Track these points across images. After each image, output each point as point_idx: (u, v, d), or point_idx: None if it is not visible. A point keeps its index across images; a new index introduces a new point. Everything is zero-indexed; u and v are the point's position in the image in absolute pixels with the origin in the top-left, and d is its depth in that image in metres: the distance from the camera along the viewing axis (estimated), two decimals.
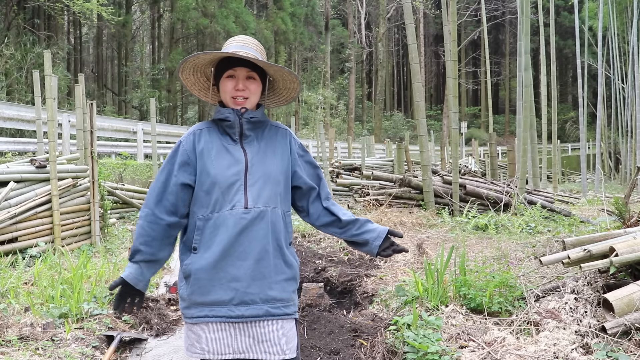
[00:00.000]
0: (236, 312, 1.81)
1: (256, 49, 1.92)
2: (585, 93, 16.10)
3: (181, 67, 1.92)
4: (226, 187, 1.82)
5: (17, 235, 5.53)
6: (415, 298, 3.55)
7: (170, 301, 4.41)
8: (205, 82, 2.03)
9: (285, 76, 1.95)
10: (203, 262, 1.82)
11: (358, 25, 40.02)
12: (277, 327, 1.85)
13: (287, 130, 2.01)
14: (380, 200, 8.63)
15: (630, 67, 17.37)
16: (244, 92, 1.88)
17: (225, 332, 1.83)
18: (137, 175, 11.41)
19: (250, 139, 1.90)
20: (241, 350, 1.83)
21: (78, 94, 6.97)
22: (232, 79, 1.88)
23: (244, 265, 1.81)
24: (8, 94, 15.24)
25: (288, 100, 2.08)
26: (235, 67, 1.87)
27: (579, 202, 10.92)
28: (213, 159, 1.85)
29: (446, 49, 9.34)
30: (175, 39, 27.11)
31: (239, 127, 1.88)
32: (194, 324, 1.85)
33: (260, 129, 1.94)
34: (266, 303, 1.83)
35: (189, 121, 29.21)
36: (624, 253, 3.07)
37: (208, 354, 1.83)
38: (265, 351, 1.83)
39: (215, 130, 1.91)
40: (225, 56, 1.89)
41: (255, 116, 1.90)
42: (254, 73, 1.89)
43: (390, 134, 36.33)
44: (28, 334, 3.25)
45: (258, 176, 1.85)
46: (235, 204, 1.81)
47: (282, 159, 1.93)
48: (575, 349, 2.69)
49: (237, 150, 1.87)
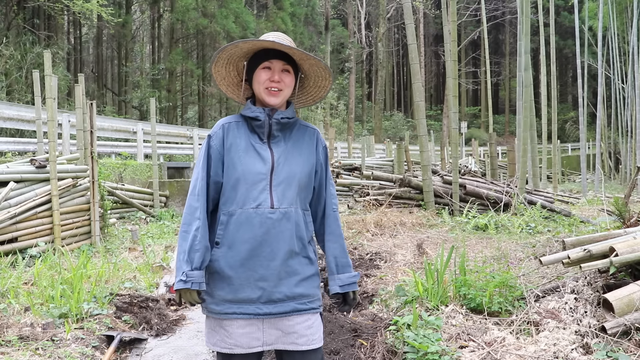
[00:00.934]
0: (264, 310, 1.85)
1: (291, 44, 1.93)
2: (585, 93, 16.10)
3: (217, 56, 1.93)
4: (251, 185, 1.85)
5: (17, 235, 5.54)
6: (415, 298, 3.55)
7: (170, 301, 4.42)
8: (235, 76, 2.04)
9: (319, 72, 1.96)
10: (230, 259, 1.85)
11: (358, 25, 40.01)
12: (303, 319, 1.90)
13: (316, 130, 2.02)
14: (380, 200, 8.63)
15: (630, 67, 17.37)
16: (279, 83, 1.89)
17: (254, 327, 1.87)
18: (137, 175, 11.41)
19: (277, 139, 1.92)
20: (270, 342, 1.88)
21: (78, 94, 6.97)
22: (268, 71, 1.89)
23: (272, 265, 1.85)
24: (8, 94, 15.23)
25: (316, 100, 2.09)
26: (272, 59, 1.89)
27: (579, 202, 10.92)
28: (241, 155, 1.87)
29: (446, 49, 9.33)
30: (175, 39, 27.09)
31: (268, 127, 1.90)
32: (221, 320, 1.88)
33: (289, 129, 1.96)
34: (293, 300, 1.87)
35: (189, 121, 29.20)
36: (624, 253, 3.07)
37: (238, 348, 1.87)
38: (293, 342, 1.88)
39: (244, 127, 1.93)
40: (262, 48, 1.90)
41: (285, 116, 1.92)
42: (289, 66, 1.91)
43: (390, 134, 36.33)
44: (28, 334, 3.25)
45: (283, 177, 1.88)
46: (260, 203, 1.84)
47: (308, 160, 1.95)
48: (575, 349, 2.69)
49: (264, 149, 1.89)
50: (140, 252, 6.30)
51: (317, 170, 1.99)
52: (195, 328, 3.93)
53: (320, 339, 1.94)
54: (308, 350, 1.90)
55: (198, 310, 4.37)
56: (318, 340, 1.92)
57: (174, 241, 7.54)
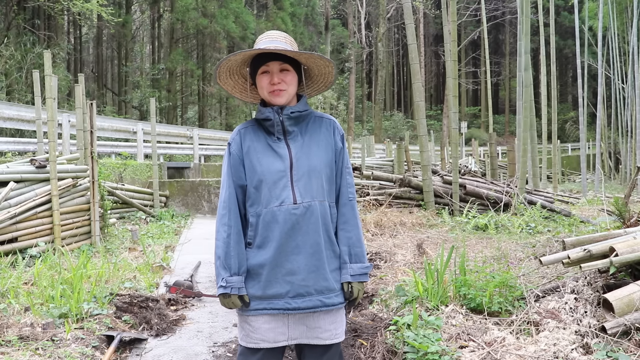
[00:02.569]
0: (292, 305, 1.88)
1: (285, 41, 1.95)
2: (585, 93, 16.09)
3: (217, 72, 1.96)
4: (272, 184, 1.88)
5: (17, 235, 5.54)
6: (415, 298, 3.55)
7: (170, 301, 4.41)
8: (244, 83, 2.07)
9: (318, 62, 1.97)
10: (261, 258, 1.89)
11: (358, 25, 40.00)
12: (328, 314, 1.93)
13: (332, 120, 2.03)
14: (380, 200, 8.62)
15: (630, 67, 17.36)
16: (280, 84, 1.91)
17: (280, 322, 1.91)
18: (137, 175, 11.41)
19: (294, 135, 1.94)
20: (294, 337, 1.92)
21: (78, 94, 6.97)
22: (267, 74, 1.92)
23: (299, 259, 1.88)
24: (8, 94, 15.23)
25: (327, 86, 2.10)
26: (268, 62, 1.91)
27: (579, 202, 10.92)
28: (259, 157, 1.91)
29: (446, 49, 9.33)
30: (175, 39, 27.08)
31: (280, 124, 1.92)
32: (248, 316, 1.92)
33: (304, 122, 1.98)
34: (320, 294, 1.90)
35: (189, 121, 29.20)
36: (624, 253, 3.07)
37: (264, 343, 1.91)
38: (317, 337, 1.93)
39: (260, 129, 1.96)
40: (255, 54, 1.92)
41: (295, 110, 1.94)
42: (287, 65, 1.92)
43: (390, 134, 36.33)
44: (28, 334, 3.25)
45: (303, 171, 1.90)
46: (283, 199, 1.87)
47: (327, 151, 1.97)
48: (575, 349, 2.69)
49: (282, 147, 1.92)
50: (140, 252, 6.30)
51: (336, 160, 2.00)
52: (195, 328, 3.93)
53: (342, 333, 1.98)
54: (330, 345, 1.95)
55: (198, 310, 4.37)
56: (341, 335, 1.97)
57: (174, 241, 7.54)
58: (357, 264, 1.97)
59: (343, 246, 1.98)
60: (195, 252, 6.67)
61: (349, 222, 1.99)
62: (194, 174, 14.40)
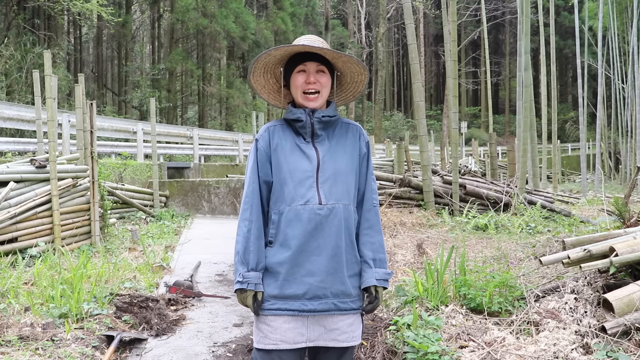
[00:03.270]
0: (309, 307, 1.87)
1: (323, 45, 1.96)
2: (585, 93, 16.09)
3: (253, 66, 1.96)
4: (298, 182, 1.88)
5: (17, 235, 5.53)
6: (415, 298, 3.55)
7: (170, 301, 4.41)
8: (274, 83, 2.07)
9: (354, 68, 1.98)
10: (281, 256, 1.88)
11: (358, 25, 40.00)
12: (345, 317, 1.93)
13: (358, 127, 2.05)
14: (380, 200, 8.62)
15: (630, 67, 17.36)
16: (316, 85, 1.92)
17: (299, 322, 1.89)
18: (137, 175, 11.41)
19: (321, 138, 1.95)
20: (313, 339, 1.91)
21: (78, 94, 6.97)
22: (303, 74, 1.93)
23: (318, 261, 1.87)
24: (8, 94, 15.22)
25: (355, 96, 2.11)
26: (306, 61, 1.92)
27: (579, 202, 10.92)
28: (287, 155, 1.91)
29: (446, 49, 9.33)
30: (175, 39, 27.08)
31: (310, 127, 1.93)
32: (265, 316, 1.90)
33: (332, 127, 1.99)
34: (336, 297, 1.89)
35: (189, 121, 29.19)
36: (624, 253, 3.07)
37: (283, 344, 1.88)
38: (335, 339, 1.92)
39: (289, 129, 1.96)
40: (294, 53, 1.93)
41: (326, 114, 1.94)
42: (323, 67, 1.93)
43: (390, 134, 36.33)
44: (28, 334, 3.25)
45: (329, 173, 1.90)
46: (309, 199, 1.87)
47: (352, 156, 1.98)
48: (575, 349, 2.69)
49: (309, 148, 1.92)
50: (140, 252, 6.30)
51: (360, 166, 2.01)
52: (195, 328, 3.93)
53: (359, 336, 1.98)
54: (347, 347, 1.95)
55: (198, 310, 4.37)
56: (358, 337, 1.97)
57: (174, 241, 7.55)
58: (381, 269, 1.97)
59: (367, 251, 1.97)
60: (195, 252, 6.67)
61: (373, 227, 2.00)
62: (194, 174, 14.41)
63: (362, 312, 1.98)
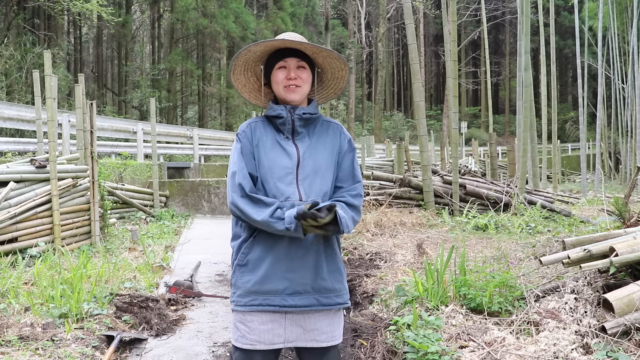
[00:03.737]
0: (289, 302, 1.87)
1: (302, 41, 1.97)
2: (585, 93, 16.09)
3: (233, 63, 1.97)
4: (278, 179, 1.89)
5: (17, 235, 5.53)
6: (415, 298, 3.55)
7: (170, 301, 4.42)
8: (255, 82, 2.08)
9: (334, 63, 2.00)
10: (262, 252, 1.88)
11: (358, 25, 40.00)
12: (325, 316, 1.93)
13: (339, 125, 2.06)
14: (380, 200, 8.62)
15: (630, 67, 17.35)
16: (296, 80, 1.93)
17: (276, 323, 1.89)
18: (137, 175, 11.41)
19: (302, 135, 1.96)
20: (291, 340, 1.91)
21: (78, 94, 6.97)
22: (284, 70, 1.94)
23: (300, 257, 1.87)
24: (8, 94, 15.22)
25: (337, 92, 2.12)
26: (286, 57, 1.93)
27: (579, 202, 10.91)
28: (267, 151, 1.91)
29: (446, 49, 9.33)
30: (175, 39, 27.08)
31: (291, 123, 1.94)
32: (244, 313, 1.90)
33: (312, 125, 2.00)
34: (317, 292, 1.89)
35: (189, 121, 29.19)
36: (624, 253, 3.07)
37: (260, 345, 1.89)
38: (314, 339, 1.92)
39: (269, 126, 1.97)
40: (274, 49, 1.95)
41: (307, 112, 1.96)
42: (303, 62, 1.95)
43: (390, 134, 36.33)
44: (28, 334, 3.25)
45: (309, 170, 1.91)
46: (289, 196, 1.87)
47: (332, 154, 1.98)
48: (575, 349, 2.69)
49: (290, 145, 1.93)
50: (140, 252, 6.30)
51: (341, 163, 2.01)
52: (195, 328, 3.93)
53: (340, 335, 1.97)
54: (328, 347, 1.94)
55: (198, 310, 4.37)
56: (338, 337, 1.96)
57: (174, 241, 7.54)
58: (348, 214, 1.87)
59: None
60: (195, 252, 6.67)
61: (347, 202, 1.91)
62: (194, 174, 14.40)
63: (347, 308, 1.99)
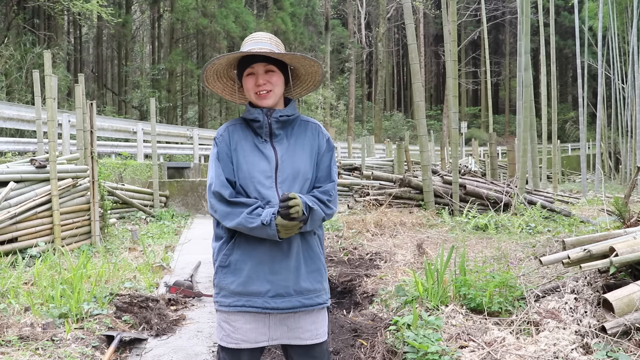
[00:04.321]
0: (272, 304, 1.88)
1: (270, 43, 1.96)
2: (585, 93, 16.08)
3: (204, 76, 1.97)
4: (258, 183, 1.89)
5: (17, 235, 5.53)
6: (415, 298, 3.55)
7: (170, 301, 4.41)
8: (233, 85, 2.08)
9: (303, 62, 1.98)
10: (244, 254, 1.88)
11: (358, 25, 40.01)
12: (308, 314, 1.94)
13: (317, 125, 2.05)
14: (380, 200, 8.62)
15: (630, 67, 17.35)
16: (265, 85, 1.92)
17: (260, 322, 1.90)
18: (137, 175, 11.41)
19: (280, 137, 1.95)
20: (275, 338, 1.92)
21: (78, 94, 6.97)
22: (253, 76, 1.94)
23: (282, 260, 1.88)
24: (8, 94, 15.22)
25: (316, 85, 2.10)
26: (253, 64, 1.92)
27: (579, 202, 10.91)
28: (246, 155, 1.91)
29: (446, 49, 9.33)
30: (175, 39, 27.09)
31: (268, 127, 1.93)
32: (228, 313, 1.90)
33: (290, 126, 1.99)
34: (300, 295, 1.90)
35: (189, 121, 29.20)
36: (624, 253, 3.07)
37: (245, 343, 1.90)
38: (298, 337, 1.93)
39: (248, 129, 1.96)
40: (240, 56, 1.94)
41: (284, 114, 1.95)
42: (272, 66, 1.93)
43: (390, 134, 36.33)
44: (28, 334, 3.25)
45: (287, 173, 1.91)
46: (270, 199, 1.88)
47: (311, 155, 1.98)
48: (575, 349, 2.69)
49: (268, 148, 1.93)
50: (140, 252, 6.30)
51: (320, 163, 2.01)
52: (195, 328, 3.93)
53: (324, 333, 1.97)
54: (312, 345, 1.94)
55: (198, 310, 4.37)
56: (322, 335, 1.96)
57: (174, 241, 7.54)
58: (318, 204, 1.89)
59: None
60: (195, 252, 6.67)
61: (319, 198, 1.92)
62: (194, 174, 14.40)
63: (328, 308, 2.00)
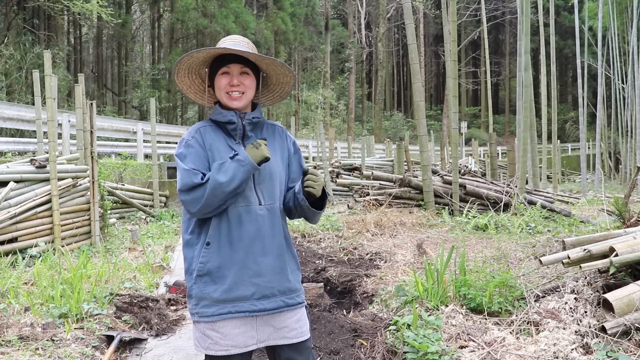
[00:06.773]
0: (258, 307, 1.88)
1: (248, 47, 1.97)
2: (585, 93, 16.08)
3: (176, 68, 1.96)
4: None
5: (17, 235, 5.53)
6: (415, 298, 3.55)
7: (170, 301, 4.41)
8: (200, 84, 2.07)
9: (278, 69, 1.99)
10: (224, 259, 1.85)
11: (358, 25, 40.01)
12: (292, 314, 1.96)
13: (283, 128, 2.08)
14: (380, 200, 8.63)
15: (630, 67, 17.36)
16: (239, 87, 1.92)
17: (248, 325, 1.90)
18: (137, 175, 11.40)
19: (251, 140, 1.95)
20: (263, 339, 1.92)
21: (78, 94, 6.97)
22: (227, 75, 1.93)
23: (265, 261, 1.88)
24: (8, 94, 15.23)
25: (282, 96, 2.12)
26: (229, 64, 1.92)
27: (579, 202, 10.91)
28: (223, 156, 1.89)
29: (446, 49, 9.33)
30: (175, 39, 27.11)
31: (242, 129, 1.94)
32: (214, 322, 1.86)
33: (259, 128, 2.01)
34: (283, 295, 1.92)
35: (189, 121, 29.22)
36: (623, 253, 3.07)
37: (234, 349, 1.88)
38: (284, 336, 1.94)
39: (219, 130, 1.95)
40: (218, 55, 1.94)
41: (256, 116, 1.97)
42: (247, 69, 1.94)
43: (390, 134, 36.32)
44: (28, 334, 3.25)
45: (265, 173, 1.92)
46: (250, 200, 1.88)
47: (282, 157, 2.02)
48: (575, 349, 2.69)
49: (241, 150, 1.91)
50: (140, 252, 6.30)
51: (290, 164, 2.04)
52: None
53: (307, 331, 2.00)
54: (299, 343, 1.96)
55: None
56: (306, 333, 1.99)
57: (174, 241, 7.54)
58: None
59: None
60: None
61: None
62: None
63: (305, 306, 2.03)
